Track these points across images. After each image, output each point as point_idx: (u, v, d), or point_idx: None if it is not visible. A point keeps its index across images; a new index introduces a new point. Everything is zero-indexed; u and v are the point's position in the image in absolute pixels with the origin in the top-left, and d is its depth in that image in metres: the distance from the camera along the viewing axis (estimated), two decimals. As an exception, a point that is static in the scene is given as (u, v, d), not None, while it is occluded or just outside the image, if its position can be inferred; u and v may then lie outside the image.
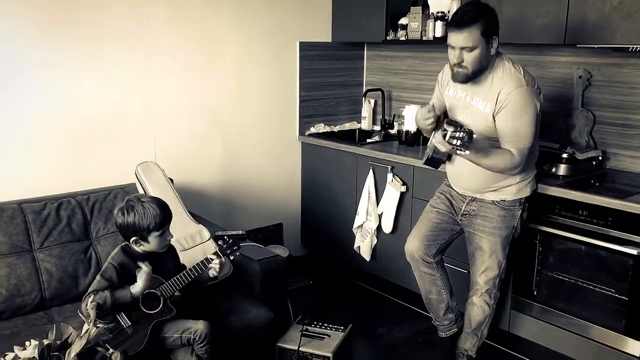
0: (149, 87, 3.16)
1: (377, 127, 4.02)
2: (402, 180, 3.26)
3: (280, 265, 2.72)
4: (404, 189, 3.25)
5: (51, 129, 2.85)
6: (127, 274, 2.19)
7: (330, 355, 2.45)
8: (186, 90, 3.32)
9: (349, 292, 3.72)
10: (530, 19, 2.83)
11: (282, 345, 2.51)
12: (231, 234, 2.82)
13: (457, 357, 2.76)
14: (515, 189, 2.51)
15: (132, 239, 2.20)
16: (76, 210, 2.69)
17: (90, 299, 2.09)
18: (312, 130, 3.94)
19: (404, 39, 3.50)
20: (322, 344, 2.51)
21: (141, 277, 2.14)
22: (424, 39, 3.39)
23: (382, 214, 3.37)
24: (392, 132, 3.83)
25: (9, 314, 2.40)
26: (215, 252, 2.27)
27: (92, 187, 2.85)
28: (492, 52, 2.34)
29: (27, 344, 1.48)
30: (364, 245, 3.50)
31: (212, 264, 2.24)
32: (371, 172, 3.41)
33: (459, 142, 2.13)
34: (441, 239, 2.67)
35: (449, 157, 2.55)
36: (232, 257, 2.34)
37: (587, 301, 2.64)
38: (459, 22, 2.30)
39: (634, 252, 2.42)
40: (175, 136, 3.32)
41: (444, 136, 2.19)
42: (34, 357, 1.44)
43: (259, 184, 3.77)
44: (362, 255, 3.53)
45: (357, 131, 4.02)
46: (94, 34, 2.92)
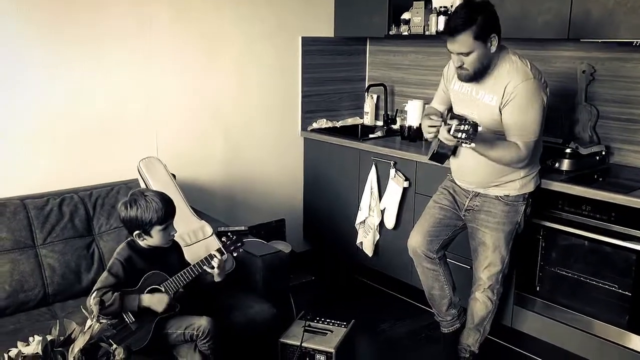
0: (151, 84, 3.15)
1: (380, 123, 4.01)
2: (404, 175, 3.26)
3: (282, 261, 2.72)
4: (406, 184, 3.25)
5: (53, 125, 2.85)
6: (133, 269, 2.19)
7: (332, 350, 2.45)
8: (188, 86, 3.32)
9: (351, 287, 3.72)
10: (533, 14, 2.82)
11: (285, 340, 2.51)
12: (234, 230, 2.82)
13: (460, 353, 2.76)
14: (519, 184, 2.51)
15: (135, 233, 2.20)
16: (79, 206, 2.69)
17: (95, 294, 2.09)
18: (315, 125, 3.93)
19: (406, 33, 3.49)
20: (325, 339, 2.51)
21: (158, 297, 2.15)
22: (426, 33, 3.38)
23: (384, 209, 3.37)
24: (395, 127, 3.82)
25: (12, 309, 2.41)
26: (218, 249, 2.27)
27: (95, 183, 2.85)
28: (493, 49, 2.33)
29: (30, 339, 1.48)
30: (367, 241, 3.50)
31: (215, 260, 2.24)
32: (374, 167, 3.41)
33: (464, 135, 2.13)
34: (444, 234, 2.67)
35: (454, 151, 2.54)
36: (235, 254, 2.34)
37: (590, 297, 2.64)
38: (450, 31, 2.29)
39: (637, 247, 2.41)
40: (177, 132, 3.32)
41: (449, 130, 2.18)
42: (37, 353, 1.44)
43: (261, 180, 3.76)
44: (364, 251, 3.53)
45: (360, 126, 4.01)
46: (95, 32, 2.91)
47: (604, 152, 2.92)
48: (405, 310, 3.39)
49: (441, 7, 3.23)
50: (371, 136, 3.67)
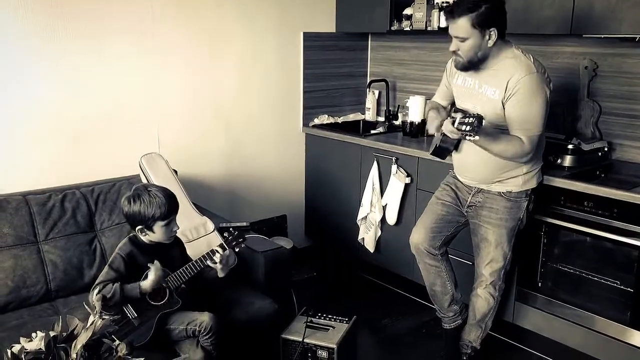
0: (152, 80, 3.15)
1: (382, 118, 4.00)
2: (406, 171, 3.25)
3: (284, 256, 2.72)
4: (408, 180, 3.24)
5: (55, 121, 2.85)
6: (134, 264, 2.19)
7: (334, 346, 2.45)
8: (190, 82, 3.31)
9: (353, 283, 3.73)
10: (536, 9, 2.81)
11: (287, 336, 2.51)
12: (235, 226, 2.82)
13: (461, 349, 2.76)
14: (521, 180, 2.50)
15: (138, 228, 2.20)
16: (81, 202, 2.69)
17: (97, 290, 2.10)
18: (316, 121, 3.93)
19: (408, 29, 3.48)
20: (327, 335, 2.51)
21: (152, 274, 2.14)
22: (428, 29, 3.37)
23: (386, 205, 3.37)
24: (397, 123, 3.81)
25: (14, 305, 2.41)
26: (220, 245, 2.27)
27: (97, 179, 2.85)
28: (490, 43, 2.32)
29: (33, 335, 1.48)
30: (368, 237, 3.50)
31: (217, 256, 2.24)
32: (375, 163, 3.40)
33: (468, 128, 2.12)
34: (446, 230, 2.67)
35: (456, 146, 2.53)
36: (237, 249, 2.34)
37: (592, 293, 2.64)
38: (451, 11, 2.31)
39: (639, 243, 2.41)
40: (179, 128, 3.31)
41: (453, 122, 2.17)
42: (40, 349, 1.44)
43: (262, 176, 3.76)
44: (366, 247, 3.53)
45: (361, 122, 4.00)
46: (96, 27, 2.90)
47: (606, 148, 2.91)
48: (407, 306, 3.40)
49: (443, 2, 3.22)
50: (373, 132, 3.67)
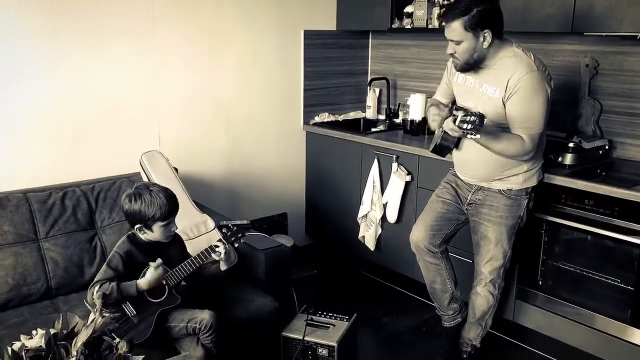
0: (153, 78, 3.15)
1: (382, 116, 4.00)
2: (407, 169, 3.25)
3: (284, 254, 2.72)
4: (408, 178, 3.24)
5: (55, 119, 2.85)
6: (133, 262, 2.19)
7: (335, 344, 2.45)
8: (190, 80, 3.31)
9: (353, 281, 3.73)
10: (536, 7, 2.80)
11: (287, 334, 2.51)
12: (236, 224, 2.82)
13: (461, 347, 2.76)
14: (521, 178, 2.50)
15: (136, 226, 2.20)
16: (81, 199, 2.69)
17: (96, 288, 2.10)
18: (317, 119, 3.92)
19: (409, 27, 3.48)
20: (327, 333, 2.51)
21: (149, 273, 2.15)
22: (429, 27, 3.36)
23: (386, 203, 3.37)
24: (397, 121, 3.81)
25: (15, 303, 2.41)
26: (219, 240, 2.27)
27: (97, 177, 2.86)
28: (485, 45, 2.31)
29: (33, 333, 1.48)
30: (369, 235, 3.50)
31: (216, 252, 2.24)
32: (376, 161, 3.40)
33: (469, 126, 2.12)
34: (446, 228, 2.67)
35: (456, 144, 2.53)
36: (236, 245, 2.34)
37: (592, 291, 2.64)
38: (444, 15, 2.32)
39: (640, 242, 2.41)
40: (179, 126, 3.31)
41: (454, 120, 2.17)
42: (40, 346, 1.44)
43: (263, 173, 3.76)
44: (366, 245, 3.53)
45: (362, 120, 4.00)
46: (97, 26, 2.90)
47: (607, 147, 2.91)
48: (407, 304, 3.40)
49: (444, 0, 3.21)
50: (373, 130, 3.66)
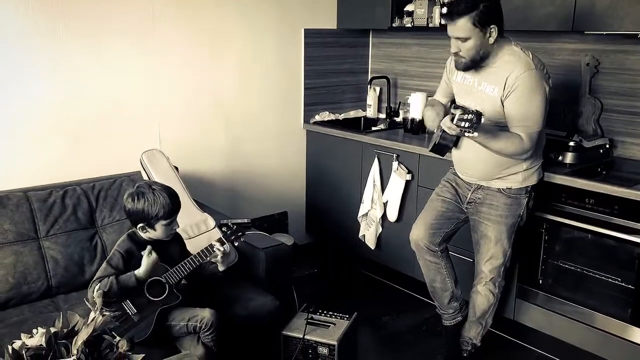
0: (153, 76, 3.15)
1: (383, 115, 4.00)
2: (407, 168, 3.25)
3: (285, 253, 2.72)
4: (409, 177, 3.24)
5: (56, 118, 2.85)
6: (133, 261, 2.19)
7: (335, 343, 2.45)
8: (190, 79, 3.31)
9: (353, 280, 3.73)
10: (537, 5, 2.80)
11: (288, 333, 2.51)
12: (237, 222, 2.82)
13: (462, 346, 2.76)
14: (521, 176, 2.50)
15: (139, 226, 2.20)
16: (82, 198, 2.69)
17: (96, 286, 2.10)
18: (317, 118, 3.92)
19: (409, 25, 3.48)
20: (327, 332, 2.51)
21: (145, 261, 2.14)
22: (430, 26, 3.36)
23: (387, 202, 3.37)
24: (398, 120, 3.81)
25: (15, 301, 2.42)
26: (219, 239, 2.27)
27: (98, 175, 2.86)
28: (491, 40, 2.32)
29: (34, 331, 1.48)
30: (369, 233, 3.50)
31: (216, 250, 2.24)
32: (376, 160, 3.40)
33: (467, 124, 2.12)
34: (446, 227, 2.67)
35: (455, 143, 2.53)
36: (236, 244, 2.34)
37: (592, 290, 2.64)
38: (450, 13, 2.30)
39: (640, 240, 2.41)
40: (179, 125, 3.31)
41: (452, 119, 2.17)
42: (41, 345, 1.44)
43: (263, 172, 3.76)
44: (367, 243, 3.53)
45: (362, 119, 4.00)
46: (97, 26, 2.90)
47: (607, 145, 2.91)
48: (407, 303, 3.40)
49: (444, -1, 3.21)
50: (374, 129, 3.66)
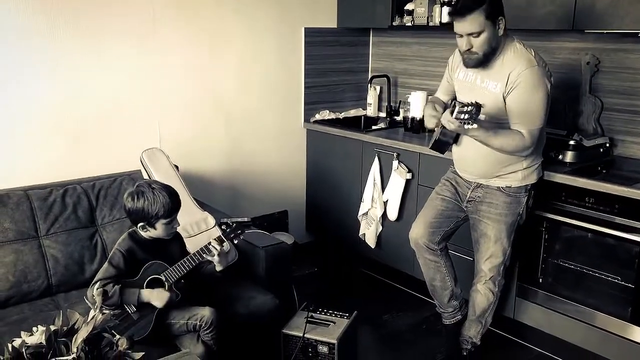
0: (153, 76, 3.15)
1: (383, 114, 4.00)
2: (407, 167, 3.25)
3: (285, 252, 2.72)
4: (409, 176, 3.24)
5: (56, 117, 2.85)
6: (134, 260, 2.20)
7: (335, 341, 2.45)
8: (191, 78, 3.31)
9: (353, 279, 3.73)
10: (537, 4, 2.80)
11: (287, 331, 2.51)
12: (237, 221, 2.82)
13: (461, 344, 2.76)
14: (521, 175, 2.50)
15: (139, 225, 2.20)
16: (82, 197, 2.70)
17: (96, 286, 2.10)
18: (317, 117, 3.92)
19: (410, 24, 3.47)
20: (327, 330, 2.51)
21: (159, 292, 2.15)
22: (430, 24, 3.36)
23: (387, 201, 3.37)
24: (398, 118, 3.81)
25: (15, 300, 2.42)
26: (218, 237, 2.27)
27: (98, 174, 2.86)
28: (501, 32, 2.33)
29: (34, 329, 1.48)
30: (369, 232, 3.50)
31: (212, 248, 2.24)
32: (376, 159, 3.40)
33: (466, 116, 2.12)
34: (446, 226, 2.67)
35: (455, 140, 2.53)
36: (235, 242, 2.34)
37: (592, 289, 2.64)
38: (461, 10, 2.29)
39: (640, 239, 2.41)
40: (180, 124, 3.31)
41: (452, 112, 2.18)
42: (41, 343, 1.44)
43: (264, 171, 3.76)
44: (367, 242, 3.53)
45: (363, 118, 4.00)
46: (97, 27, 2.90)
47: (607, 144, 2.91)
48: (407, 301, 3.40)
49: (445, -3, 3.21)
50: (374, 128, 3.66)
